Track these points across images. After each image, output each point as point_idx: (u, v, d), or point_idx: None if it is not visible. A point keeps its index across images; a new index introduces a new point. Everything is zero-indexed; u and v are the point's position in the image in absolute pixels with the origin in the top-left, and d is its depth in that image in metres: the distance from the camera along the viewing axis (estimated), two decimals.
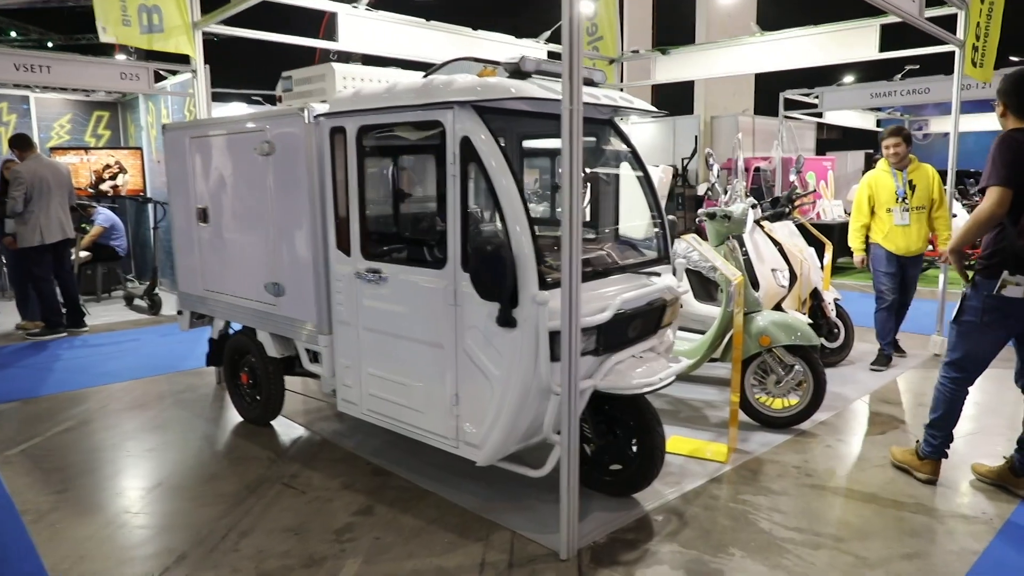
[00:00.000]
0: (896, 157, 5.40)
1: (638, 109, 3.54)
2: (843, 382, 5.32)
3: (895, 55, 6.33)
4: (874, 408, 4.79)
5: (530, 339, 2.88)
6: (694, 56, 7.74)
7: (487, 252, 2.76)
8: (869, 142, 17.88)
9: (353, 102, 3.42)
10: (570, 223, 2.61)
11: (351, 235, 3.54)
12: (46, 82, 8.00)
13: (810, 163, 11.75)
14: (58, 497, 3.55)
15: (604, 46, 8.55)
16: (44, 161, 7.47)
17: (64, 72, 8.04)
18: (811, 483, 3.62)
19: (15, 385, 5.48)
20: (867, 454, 4.00)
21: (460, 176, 3.02)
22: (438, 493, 3.51)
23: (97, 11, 4.93)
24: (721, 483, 3.62)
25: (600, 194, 4.02)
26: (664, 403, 4.86)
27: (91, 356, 6.42)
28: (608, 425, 3.41)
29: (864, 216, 5.63)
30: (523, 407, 2.99)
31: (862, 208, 5.63)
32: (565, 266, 2.64)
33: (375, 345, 3.54)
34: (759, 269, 4.99)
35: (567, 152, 2.59)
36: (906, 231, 5.44)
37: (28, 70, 7.60)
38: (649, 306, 3.34)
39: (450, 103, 2.98)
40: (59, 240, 7.25)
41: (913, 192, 5.42)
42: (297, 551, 2.99)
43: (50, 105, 10.42)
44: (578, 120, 2.59)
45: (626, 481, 3.37)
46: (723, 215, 4.39)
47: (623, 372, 3.15)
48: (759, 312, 4.39)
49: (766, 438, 4.21)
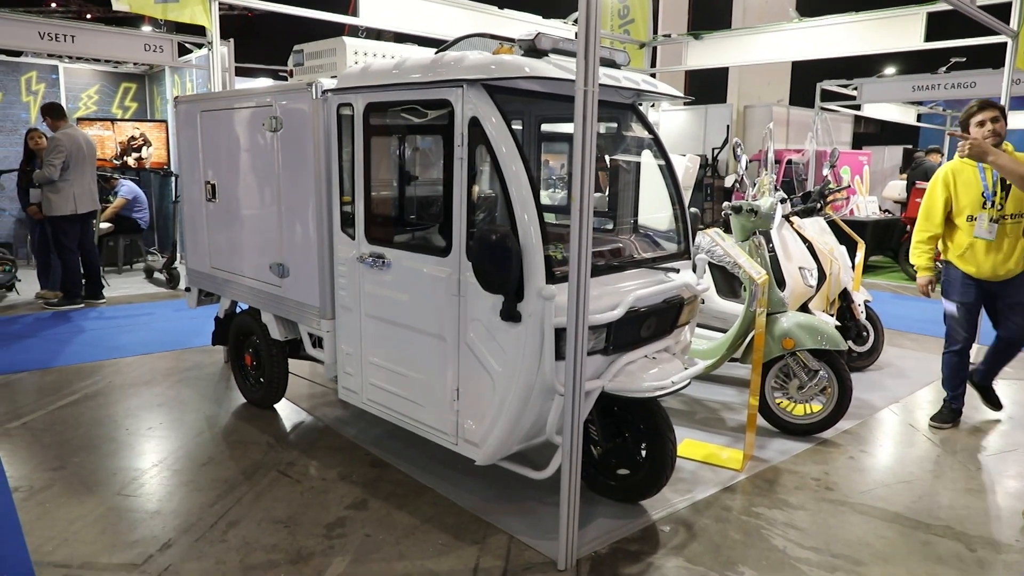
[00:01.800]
0: (996, 137, 3.90)
1: (662, 94, 3.33)
2: (871, 388, 5.07)
3: (941, 45, 5.99)
4: (903, 418, 4.55)
5: (535, 335, 2.72)
6: (728, 42, 7.44)
7: (490, 241, 2.59)
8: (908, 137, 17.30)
9: (361, 78, 3.26)
10: (580, 214, 2.43)
11: (356, 217, 3.40)
12: (70, 51, 7.97)
13: (845, 157, 11.35)
14: (52, 474, 3.49)
15: (635, 29, 8.29)
16: (80, 131, 7.46)
17: (88, 42, 8.00)
18: (831, 498, 3.41)
19: (28, 355, 5.47)
20: (893, 468, 3.78)
21: (468, 159, 2.85)
22: (436, 489, 3.37)
23: None
24: (735, 493, 3.43)
25: (619, 183, 3.82)
26: (680, 403, 4.67)
27: (105, 328, 6.40)
28: (617, 428, 3.24)
29: (935, 225, 4.17)
30: (525, 406, 2.83)
31: (934, 214, 4.16)
32: (573, 260, 2.46)
33: (377, 333, 3.40)
34: (786, 267, 4.75)
35: (579, 137, 2.40)
36: (993, 248, 4.02)
37: (52, 39, 7.57)
38: (665, 304, 3.15)
39: (459, 81, 2.81)
40: (90, 211, 7.25)
41: (1007, 194, 3.98)
42: (285, 544, 2.88)
43: (79, 75, 10.43)
44: (593, 102, 2.40)
45: (633, 487, 3.21)
46: (749, 209, 4.16)
47: (634, 373, 2.97)
48: (784, 313, 4.16)
49: (785, 445, 4.01)
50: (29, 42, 7.48)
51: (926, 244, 4.23)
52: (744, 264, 3.61)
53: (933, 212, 4.17)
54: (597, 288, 2.91)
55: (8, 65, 9.87)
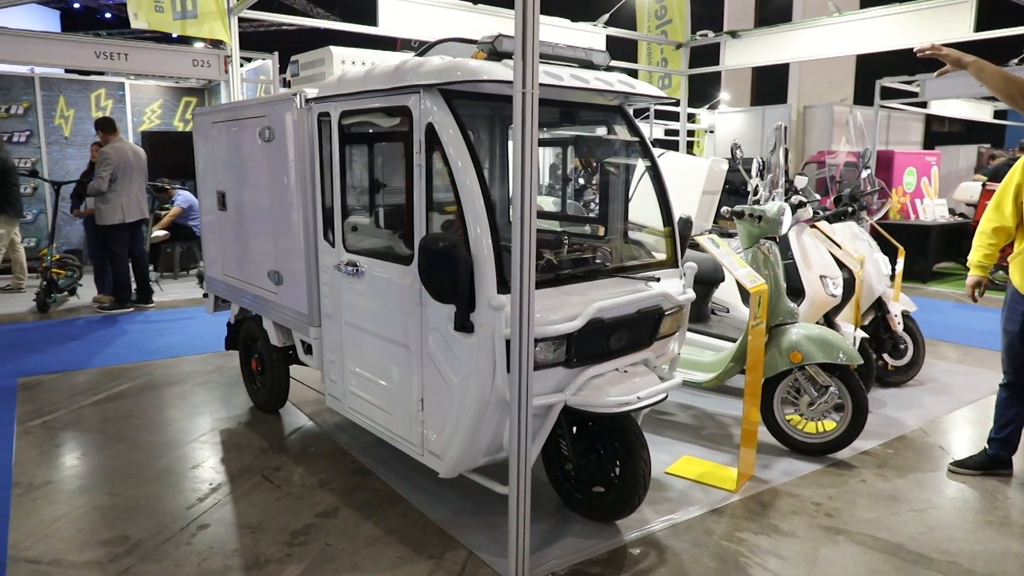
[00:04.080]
0: None
1: (641, 95, 3.18)
2: (905, 406, 4.72)
3: (993, 35, 5.52)
4: (934, 439, 4.20)
5: (487, 347, 2.64)
6: (766, 39, 7.12)
7: (435, 250, 2.53)
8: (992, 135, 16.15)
9: (337, 86, 3.28)
10: (521, 220, 2.34)
11: (334, 226, 3.41)
12: (125, 69, 8.39)
13: (911, 158, 10.69)
14: (54, 472, 3.64)
15: (672, 30, 8.06)
16: (129, 144, 7.87)
17: (141, 59, 8.40)
18: (828, 525, 3.17)
19: (69, 356, 5.77)
20: (907, 495, 3.48)
21: (426, 166, 2.80)
22: (410, 500, 3.33)
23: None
24: (721, 516, 3.24)
25: (603, 188, 3.68)
26: (689, 417, 4.47)
27: (146, 332, 6.69)
28: (592, 443, 3.11)
29: (1005, 217, 3.41)
30: (481, 419, 2.75)
31: (1005, 203, 3.41)
32: (515, 269, 2.37)
33: (354, 341, 3.40)
34: (805, 275, 4.47)
35: (519, 141, 2.31)
36: None
37: (107, 58, 7.98)
38: (639, 315, 3.00)
39: (416, 87, 2.76)
40: (137, 220, 7.63)
41: None
42: (246, 550, 2.90)
43: (143, 91, 11.02)
44: (532, 104, 2.31)
45: (606, 506, 3.07)
46: (752, 214, 3.93)
47: (600, 388, 2.84)
48: (794, 324, 3.92)
49: (792, 466, 3.76)
50: (86, 61, 7.92)
51: (989, 237, 3.48)
52: (737, 273, 3.40)
53: (1004, 200, 3.41)
54: (559, 298, 2.81)
55: (80, 83, 10.53)
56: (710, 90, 16.67)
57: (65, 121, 10.46)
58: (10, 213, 8.08)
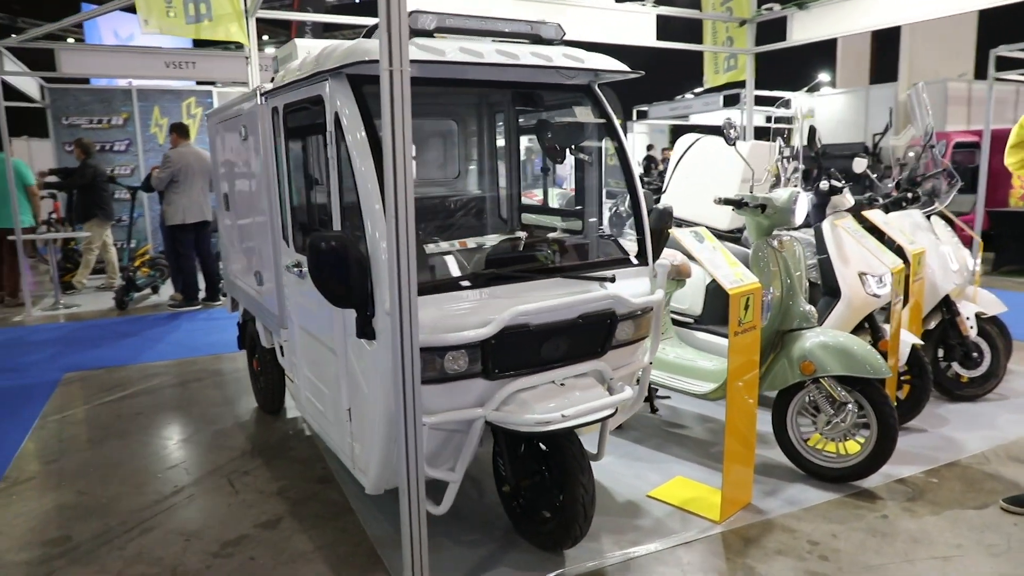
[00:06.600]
0: None
1: (588, 69, 2.80)
2: (971, 425, 4.00)
3: None
4: (995, 467, 3.51)
5: (387, 355, 2.39)
6: (836, 8, 6.34)
7: (322, 250, 2.31)
8: None
9: (282, 78, 3.14)
10: (395, 212, 2.08)
11: (285, 224, 3.28)
12: (192, 76, 8.77)
13: None
14: (44, 468, 3.76)
15: (737, 6, 7.41)
16: (193, 149, 8.25)
17: (207, 66, 8.76)
18: (816, 570, 2.67)
19: (118, 352, 6.07)
20: (934, 536, 2.89)
21: (337, 158, 2.60)
22: (358, 513, 3.14)
23: (139, 3, 5.16)
24: (691, 550, 2.81)
25: (571, 176, 3.32)
26: (705, 431, 4.00)
27: (198, 330, 6.95)
28: (538, 463, 2.79)
29: None
30: (391, 434, 2.51)
31: None
32: (392, 270, 2.11)
33: (304, 344, 3.26)
34: (841, 272, 3.88)
35: (387, 125, 2.05)
36: None
37: (176, 67, 8.38)
38: (582, 320, 2.64)
39: (324, 73, 2.56)
40: (198, 221, 7.98)
41: None
42: (169, 560, 2.82)
43: (229, 98, 11.58)
44: (403, 84, 2.04)
45: (549, 535, 2.73)
46: (756, 204, 3.41)
47: (525, 403, 2.51)
48: (810, 329, 3.39)
49: (803, 494, 3.24)
50: (157, 71, 8.37)
51: None
52: (717, 272, 2.93)
53: None
54: (485, 301, 2.52)
55: (173, 93, 11.20)
56: (807, 71, 15.40)
57: (160, 129, 11.16)
58: (101, 217, 8.74)
